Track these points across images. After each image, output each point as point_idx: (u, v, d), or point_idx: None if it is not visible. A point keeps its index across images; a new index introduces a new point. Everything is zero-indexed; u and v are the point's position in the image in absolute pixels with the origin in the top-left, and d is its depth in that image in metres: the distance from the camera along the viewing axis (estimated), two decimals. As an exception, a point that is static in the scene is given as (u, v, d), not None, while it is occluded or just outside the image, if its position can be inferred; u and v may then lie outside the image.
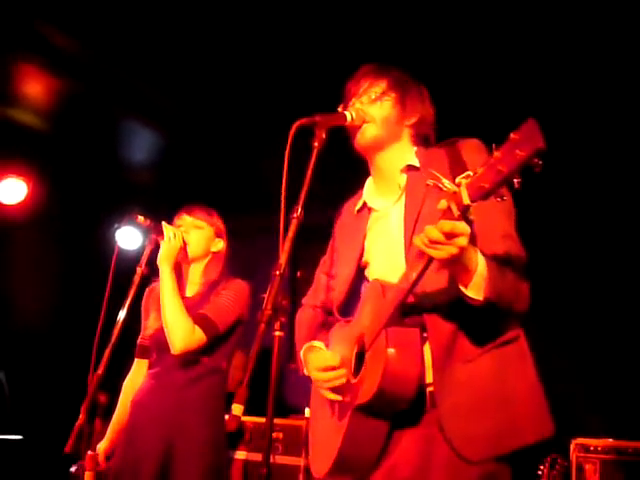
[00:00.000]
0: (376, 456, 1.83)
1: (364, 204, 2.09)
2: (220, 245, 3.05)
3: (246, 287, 2.95)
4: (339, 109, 2.00)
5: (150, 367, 2.93)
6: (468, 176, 1.47)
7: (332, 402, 1.98)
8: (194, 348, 2.76)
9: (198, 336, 2.76)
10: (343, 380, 1.89)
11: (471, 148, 1.88)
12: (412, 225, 1.86)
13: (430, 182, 1.53)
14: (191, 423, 2.73)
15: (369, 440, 1.83)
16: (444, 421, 1.73)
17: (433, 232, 1.52)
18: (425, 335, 1.78)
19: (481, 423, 1.72)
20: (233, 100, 4.47)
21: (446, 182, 1.51)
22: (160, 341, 2.82)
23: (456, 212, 1.48)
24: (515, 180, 1.36)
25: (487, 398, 1.74)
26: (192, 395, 2.78)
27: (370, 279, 2.01)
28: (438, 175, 1.53)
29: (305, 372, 2.06)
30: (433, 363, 1.76)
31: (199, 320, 2.78)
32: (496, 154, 1.38)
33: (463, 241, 1.52)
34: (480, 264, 1.61)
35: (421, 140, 2.03)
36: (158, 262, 2.84)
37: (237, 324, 2.90)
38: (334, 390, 1.91)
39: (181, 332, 2.73)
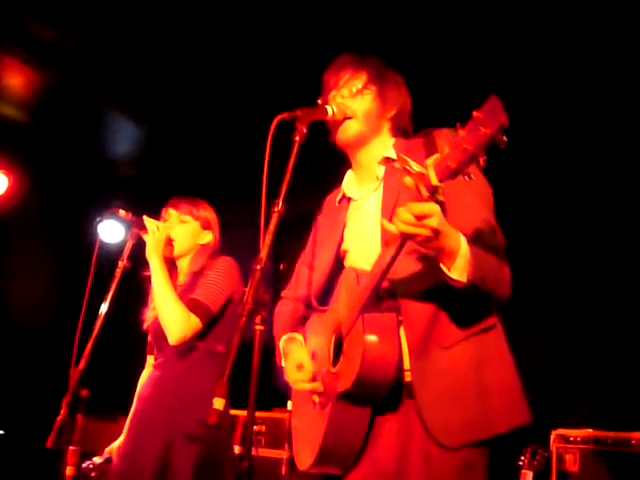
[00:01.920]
0: (359, 445, 1.84)
1: (343, 195, 2.10)
2: (208, 238, 3.02)
3: (232, 263, 2.92)
4: (319, 102, 2.00)
5: (155, 359, 2.93)
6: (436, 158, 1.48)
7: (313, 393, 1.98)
8: (191, 335, 2.75)
9: (194, 323, 2.75)
10: (308, 383, 1.91)
11: (444, 135, 1.88)
12: (389, 214, 1.86)
13: (397, 165, 1.53)
14: (188, 413, 2.70)
15: (352, 428, 1.83)
16: (423, 409, 1.73)
17: (403, 214, 1.53)
18: (400, 319, 1.78)
19: (460, 411, 1.72)
20: (216, 92, 4.46)
21: (413, 164, 1.50)
22: (158, 331, 2.82)
23: (425, 193, 1.48)
24: (480, 158, 1.37)
25: (466, 386, 1.74)
26: (189, 383, 2.77)
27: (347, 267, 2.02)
28: (405, 158, 1.53)
29: (283, 364, 2.06)
30: (409, 349, 1.77)
31: (192, 306, 2.77)
32: (461, 133, 1.39)
33: (434, 222, 1.52)
34: (463, 246, 1.61)
35: (400, 132, 2.04)
36: (147, 256, 2.83)
37: (229, 302, 2.86)
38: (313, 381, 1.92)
39: (177, 322, 2.72)
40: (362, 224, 2.00)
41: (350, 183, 2.11)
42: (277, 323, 2.20)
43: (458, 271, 1.61)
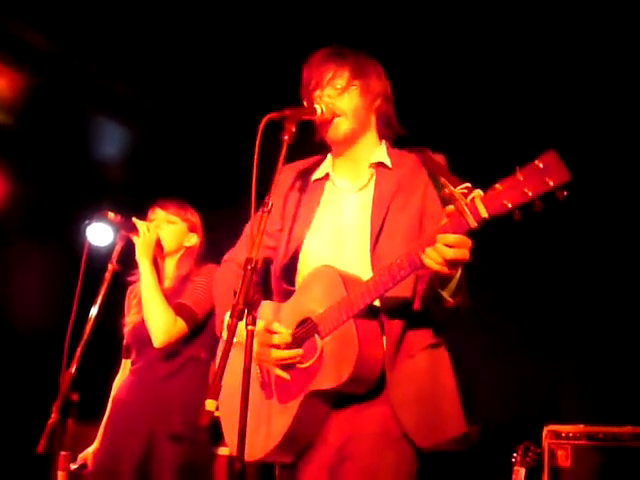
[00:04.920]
0: (317, 432, 1.89)
1: (327, 175, 2.08)
2: (193, 240, 3.04)
3: None
4: (304, 103, 2.00)
5: (132, 363, 2.93)
6: (468, 188, 1.55)
7: (265, 382, 1.93)
8: (176, 339, 2.77)
9: (179, 327, 2.77)
10: (296, 359, 1.87)
11: (445, 161, 1.96)
12: (380, 221, 1.91)
13: (447, 190, 1.58)
14: (170, 416, 2.72)
15: (315, 420, 1.88)
16: (397, 408, 1.81)
17: (448, 240, 1.57)
18: (382, 328, 1.86)
19: (425, 414, 1.83)
20: (205, 94, 4.45)
21: (459, 193, 1.56)
22: (140, 335, 2.83)
23: (473, 223, 1.53)
24: (538, 204, 1.44)
25: (425, 392, 1.85)
26: (172, 387, 2.78)
27: (301, 252, 2.00)
28: (448, 183, 1.60)
29: (222, 335, 1.97)
30: (386, 354, 1.84)
31: (178, 310, 2.78)
32: (519, 176, 1.46)
33: (467, 254, 1.60)
34: (459, 271, 1.70)
35: (386, 124, 2.06)
36: (137, 257, 2.85)
37: (214, 310, 2.87)
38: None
39: (163, 325, 2.73)
40: (335, 218, 2.01)
41: (334, 167, 2.09)
42: (220, 289, 2.15)
43: (449, 292, 1.72)
